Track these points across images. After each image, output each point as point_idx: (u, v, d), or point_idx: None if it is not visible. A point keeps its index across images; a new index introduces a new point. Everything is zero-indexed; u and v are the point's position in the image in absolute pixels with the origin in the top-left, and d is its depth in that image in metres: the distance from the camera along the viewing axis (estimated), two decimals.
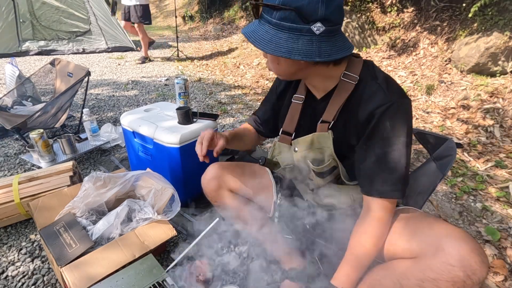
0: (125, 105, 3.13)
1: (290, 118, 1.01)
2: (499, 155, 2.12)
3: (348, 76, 0.85)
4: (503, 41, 2.85)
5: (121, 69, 4.66)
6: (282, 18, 0.74)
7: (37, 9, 5.15)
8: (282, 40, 0.75)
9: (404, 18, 4.08)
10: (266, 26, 0.77)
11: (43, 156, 1.80)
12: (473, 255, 0.67)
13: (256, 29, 0.79)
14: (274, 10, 0.74)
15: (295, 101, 1.00)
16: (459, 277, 0.67)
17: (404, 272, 0.76)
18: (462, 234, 0.72)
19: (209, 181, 1.14)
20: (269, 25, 0.77)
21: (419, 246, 0.76)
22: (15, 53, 4.97)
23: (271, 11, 0.75)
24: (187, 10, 10.01)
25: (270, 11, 0.75)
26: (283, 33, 0.75)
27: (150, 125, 1.45)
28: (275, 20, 0.75)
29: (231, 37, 7.30)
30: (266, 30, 0.77)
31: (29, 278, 1.19)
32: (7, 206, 1.38)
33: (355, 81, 0.84)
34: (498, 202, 1.69)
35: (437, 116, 2.76)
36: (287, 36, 0.75)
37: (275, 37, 0.75)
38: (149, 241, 1.11)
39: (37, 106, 2.38)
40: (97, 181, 1.24)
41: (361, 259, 0.85)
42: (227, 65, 5.05)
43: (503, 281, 1.22)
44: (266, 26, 0.77)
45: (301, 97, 0.99)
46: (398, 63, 3.75)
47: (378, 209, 0.83)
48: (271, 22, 0.76)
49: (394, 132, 0.79)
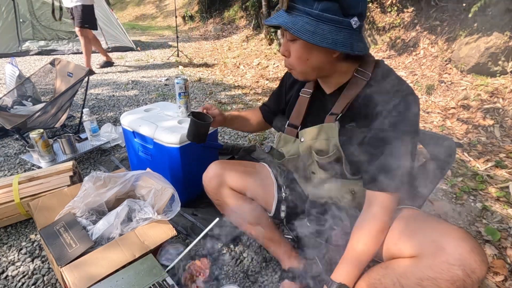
0: (125, 105, 3.13)
1: (297, 112, 1.03)
2: (499, 155, 2.12)
3: (361, 73, 0.86)
4: (503, 41, 2.85)
5: (121, 69, 4.66)
6: (325, 10, 0.74)
7: (37, 9, 5.15)
8: (325, 31, 0.75)
9: (404, 18, 4.08)
10: (304, 18, 0.76)
11: (43, 156, 1.80)
12: (473, 254, 0.67)
13: (294, 20, 0.77)
14: (316, 1, 0.74)
15: (303, 95, 1.02)
16: (459, 276, 0.67)
17: (404, 271, 0.76)
18: (462, 233, 0.72)
19: (211, 179, 1.15)
20: (308, 16, 0.76)
21: (419, 245, 0.76)
22: (15, 53, 4.97)
23: (312, 3, 0.75)
24: (187, 10, 10.01)
25: (310, 2, 0.75)
26: (325, 24, 0.75)
27: (150, 125, 1.45)
28: (317, 11, 0.75)
29: (231, 37, 7.30)
30: (306, 21, 0.76)
31: (29, 278, 1.19)
32: (7, 206, 1.38)
33: (367, 78, 0.85)
34: (498, 202, 1.69)
35: (437, 116, 2.76)
36: (329, 28, 0.75)
37: (318, 28, 0.75)
38: (149, 241, 1.11)
39: (37, 106, 2.38)
40: (97, 181, 1.24)
41: (360, 257, 0.85)
42: (227, 65, 5.05)
43: (503, 281, 1.22)
44: (305, 17, 0.76)
45: (309, 91, 1.00)
46: (398, 63, 3.75)
47: (379, 207, 0.84)
48: (311, 14, 0.75)
49: (402, 129, 0.79)
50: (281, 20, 0.79)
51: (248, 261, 1.28)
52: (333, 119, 0.90)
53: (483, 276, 0.68)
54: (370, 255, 0.85)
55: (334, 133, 0.89)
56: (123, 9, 15.17)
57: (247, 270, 1.22)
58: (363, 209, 0.89)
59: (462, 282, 0.67)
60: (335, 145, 0.90)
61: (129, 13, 14.33)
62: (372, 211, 0.85)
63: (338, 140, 0.89)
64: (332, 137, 0.90)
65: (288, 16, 0.78)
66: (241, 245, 1.35)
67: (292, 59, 0.86)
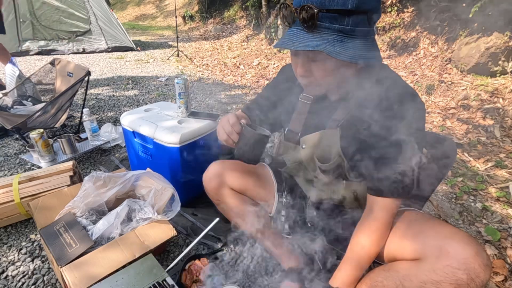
0: (125, 105, 3.13)
1: (297, 117, 1.00)
2: (499, 155, 2.12)
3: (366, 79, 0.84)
4: (503, 41, 2.85)
5: (121, 68, 4.66)
6: (357, 24, 0.69)
7: (37, 9, 5.15)
8: (359, 45, 0.71)
9: (404, 18, 4.08)
10: (336, 36, 0.70)
11: (43, 156, 1.80)
12: (477, 258, 0.67)
13: (326, 43, 0.69)
14: (347, 16, 0.68)
15: (303, 101, 0.98)
16: (463, 280, 0.67)
17: (407, 274, 0.76)
18: (466, 237, 0.72)
19: (211, 179, 1.14)
20: (339, 34, 0.70)
21: (422, 248, 0.76)
22: (15, 53, 4.98)
23: (343, 19, 0.68)
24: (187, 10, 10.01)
25: (340, 19, 0.68)
26: (358, 39, 0.71)
27: (150, 125, 1.45)
28: (349, 27, 0.69)
29: (231, 37, 7.30)
30: (340, 40, 0.69)
31: (29, 278, 1.19)
32: (7, 205, 1.38)
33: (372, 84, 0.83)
34: (498, 202, 1.69)
35: (437, 116, 2.76)
36: (360, 41, 0.71)
37: (354, 44, 0.70)
38: (149, 241, 1.11)
39: (37, 106, 2.37)
40: (97, 181, 1.24)
41: (361, 259, 0.85)
42: (227, 65, 5.05)
43: (503, 281, 1.22)
44: (335, 35, 0.70)
45: (310, 97, 0.97)
46: (398, 63, 3.75)
47: (381, 210, 0.83)
48: (343, 31, 0.69)
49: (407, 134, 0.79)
50: (313, 44, 0.70)
51: (248, 261, 1.28)
52: (335, 125, 0.88)
53: (487, 280, 0.68)
54: (371, 257, 0.85)
55: (336, 140, 0.88)
56: (123, 9, 15.17)
57: (247, 270, 1.22)
58: (365, 211, 0.89)
59: (466, 286, 0.67)
60: (337, 152, 0.89)
61: (129, 13, 14.34)
62: (373, 213, 0.85)
63: (340, 147, 0.88)
64: (334, 144, 0.88)
65: (315, 38, 0.70)
66: (241, 245, 1.35)
67: (318, 77, 0.81)
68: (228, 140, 0.91)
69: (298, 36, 0.72)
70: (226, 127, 0.91)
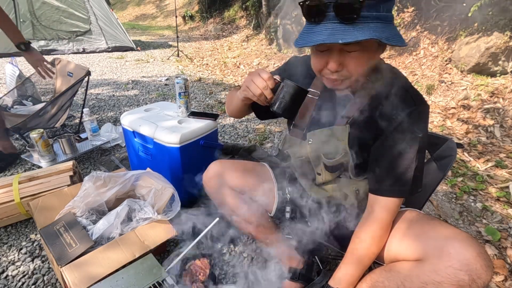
0: (125, 105, 3.13)
1: (303, 112, 0.99)
2: (499, 155, 2.12)
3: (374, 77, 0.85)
4: (503, 41, 2.85)
5: (121, 68, 4.66)
6: (389, 10, 0.71)
7: (37, 9, 5.16)
8: (397, 31, 0.72)
9: (404, 18, 4.08)
10: (377, 23, 0.69)
11: (43, 156, 1.80)
12: (479, 259, 0.67)
13: (373, 31, 0.68)
14: (381, 3, 0.69)
15: (311, 96, 0.97)
16: (465, 281, 0.67)
17: (408, 275, 0.76)
18: (468, 238, 0.72)
19: (210, 178, 1.14)
20: (378, 21, 0.69)
21: (423, 248, 0.75)
22: (15, 53, 4.96)
23: (379, 6, 0.68)
24: (187, 10, 10.02)
25: (377, 6, 0.68)
26: (391, 24, 0.72)
27: (150, 125, 1.45)
28: (385, 13, 0.70)
29: (231, 37, 7.30)
30: (380, 27, 0.69)
31: (29, 278, 1.19)
32: (7, 205, 1.38)
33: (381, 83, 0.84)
34: (498, 202, 1.69)
35: (437, 116, 2.76)
36: (393, 26, 0.73)
37: (393, 30, 0.72)
38: (149, 241, 1.11)
39: (37, 106, 2.37)
40: (97, 181, 1.24)
41: (361, 259, 0.85)
42: (227, 65, 5.05)
43: (503, 281, 1.22)
44: (376, 22, 0.69)
45: (317, 92, 0.97)
46: (398, 63, 3.75)
47: (382, 210, 0.83)
48: (380, 17, 0.69)
49: (412, 136, 0.79)
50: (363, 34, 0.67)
51: (248, 261, 1.28)
52: (344, 122, 0.88)
53: (489, 281, 0.68)
54: (371, 257, 0.85)
55: (345, 137, 0.88)
56: (123, 9, 15.17)
57: (247, 270, 1.22)
58: (366, 211, 0.89)
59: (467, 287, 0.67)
60: (344, 149, 0.89)
61: (129, 13, 14.34)
62: (374, 212, 0.85)
63: (348, 144, 0.88)
64: (342, 140, 0.89)
65: (357, 28, 0.68)
66: (241, 245, 1.35)
67: (351, 69, 0.77)
68: (261, 96, 0.85)
69: (336, 30, 0.69)
70: (259, 82, 0.83)
